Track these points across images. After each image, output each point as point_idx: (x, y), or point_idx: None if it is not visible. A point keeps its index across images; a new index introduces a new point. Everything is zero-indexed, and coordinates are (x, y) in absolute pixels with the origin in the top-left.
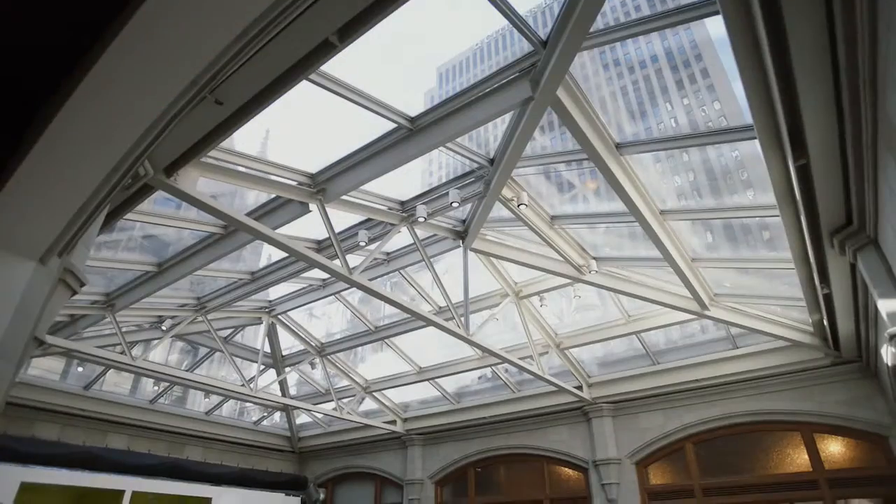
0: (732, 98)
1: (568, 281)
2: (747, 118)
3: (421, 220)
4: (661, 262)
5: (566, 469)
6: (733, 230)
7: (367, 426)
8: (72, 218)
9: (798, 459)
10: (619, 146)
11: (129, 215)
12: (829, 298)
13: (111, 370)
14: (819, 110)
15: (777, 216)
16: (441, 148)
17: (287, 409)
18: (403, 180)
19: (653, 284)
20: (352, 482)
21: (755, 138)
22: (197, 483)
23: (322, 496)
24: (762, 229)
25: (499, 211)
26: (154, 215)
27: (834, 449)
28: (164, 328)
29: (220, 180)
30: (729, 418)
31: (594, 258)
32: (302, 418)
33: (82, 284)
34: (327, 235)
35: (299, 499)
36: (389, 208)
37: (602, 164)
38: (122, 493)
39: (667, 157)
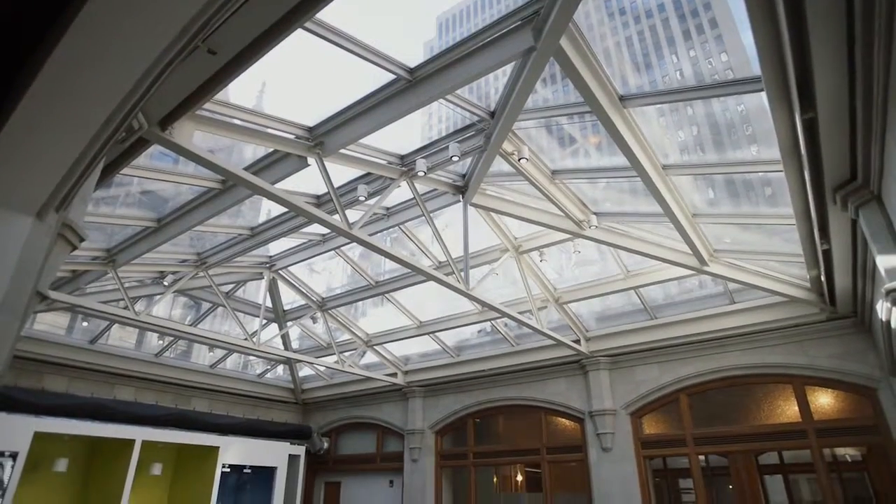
0: (740, 49)
1: (568, 236)
2: (755, 70)
3: (421, 174)
4: (661, 218)
5: (563, 419)
6: (735, 186)
7: (368, 378)
8: (67, 172)
9: (788, 410)
10: (622, 98)
11: (126, 170)
12: (828, 254)
13: (115, 325)
14: (830, 62)
15: (780, 171)
16: (441, 100)
17: (290, 362)
18: (403, 134)
19: (652, 240)
20: (354, 432)
21: (762, 90)
22: (205, 433)
23: (326, 445)
24: (764, 185)
25: (499, 165)
26: (151, 170)
27: (824, 401)
28: (165, 283)
29: (216, 134)
30: (723, 371)
31: (594, 213)
32: (305, 371)
33: (82, 239)
34: (326, 190)
35: (304, 448)
36: (389, 162)
37: (605, 118)
38: (132, 441)
39: (671, 111)
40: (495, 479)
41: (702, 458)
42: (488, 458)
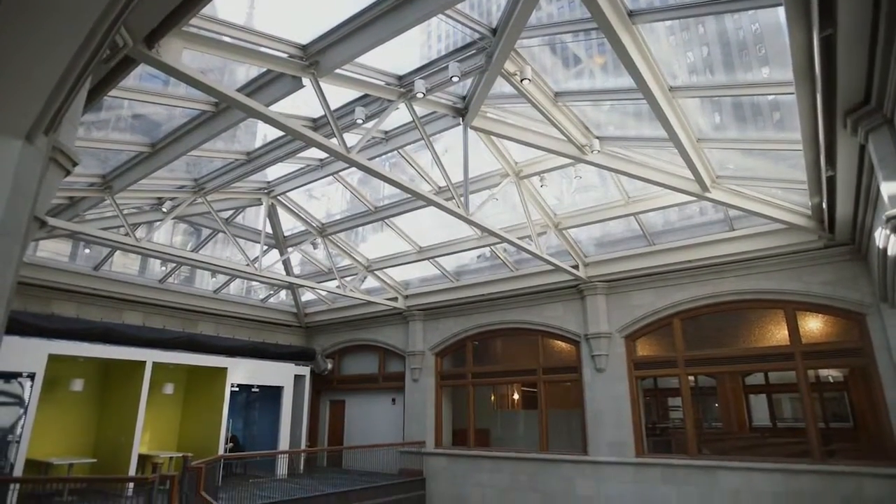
0: None
1: (569, 161)
2: None
3: (420, 95)
4: (665, 143)
5: (559, 342)
6: (743, 110)
7: (369, 302)
8: (52, 92)
9: (778, 334)
10: (631, 14)
11: (114, 92)
12: (832, 181)
13: (118, 252)
14: None
15: (791, 94)
16: (440, 16)
17: (292, 287)
18: (400, 53)
19: (655, 165)
20: (357, 353)
21: (780, 4)
22: (213, 355)
23: (330, 366)
24: (773, 110)
25: (501, 87)
26: (141, 92)
27: (813, 325)
28: (164, 210)
29: (204, 52)
30: (718, 297)
31: (597, 137)
32: (307, 295)
33: (74, 164)
34: (323, 113)
35: (309, 368)
36: (387, 83)
37: (612, 35)
38: (143, 363)
39: (681, 29)
40: (493, 398)
41: (691, 378)
42: (486, 378)
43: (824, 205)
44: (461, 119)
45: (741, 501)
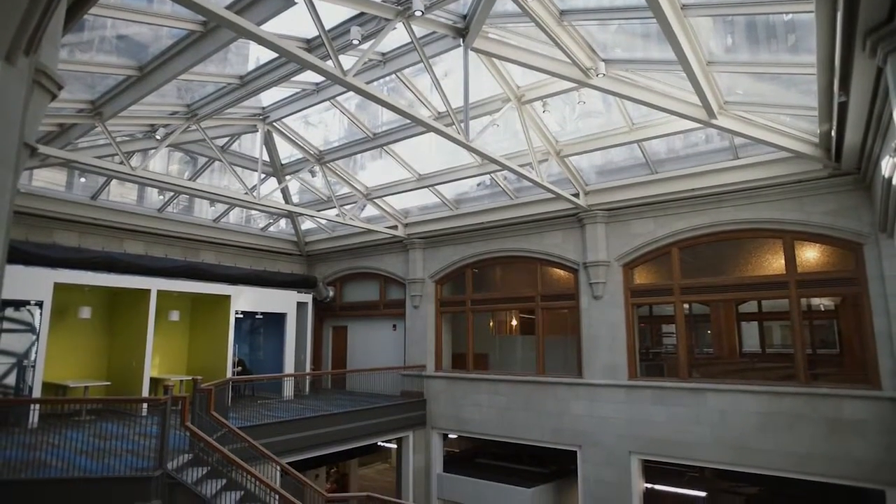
0: None
1: (573, 85)
2: None
3: (418, 14)
4: (673, 66)
5: (558, 270)
6: (756, 31)
7: (369, 231)
8: (27, 8)
9: (774, 264)
10: None
11: (95, 10)
12: (843, 107)
13: (114, 181)
14: None
15: (810, 12)
16: None
17: (292, 216)
18: None
19: (661, 90)
20: (358, 281)
21: None
22: (216, 283)
23: (332, 293)
24: (788, 32)
25: (503, 5)
26: (123, 10)
27: (809, 255)
28: (158, 137)
29: None
30: (718, 226)
31: (603, 60)
32: (307, 224)
33: (59, 87)
34: (317, 33)
35: (311, 296)
36: (383, 0)
37: None
38: (148, 291)
39: None
40: (491, 324)
41: (686, 306)
42: (485, 305)
43: (833, 132)
44: (462, 40)
45: (727, 420)
